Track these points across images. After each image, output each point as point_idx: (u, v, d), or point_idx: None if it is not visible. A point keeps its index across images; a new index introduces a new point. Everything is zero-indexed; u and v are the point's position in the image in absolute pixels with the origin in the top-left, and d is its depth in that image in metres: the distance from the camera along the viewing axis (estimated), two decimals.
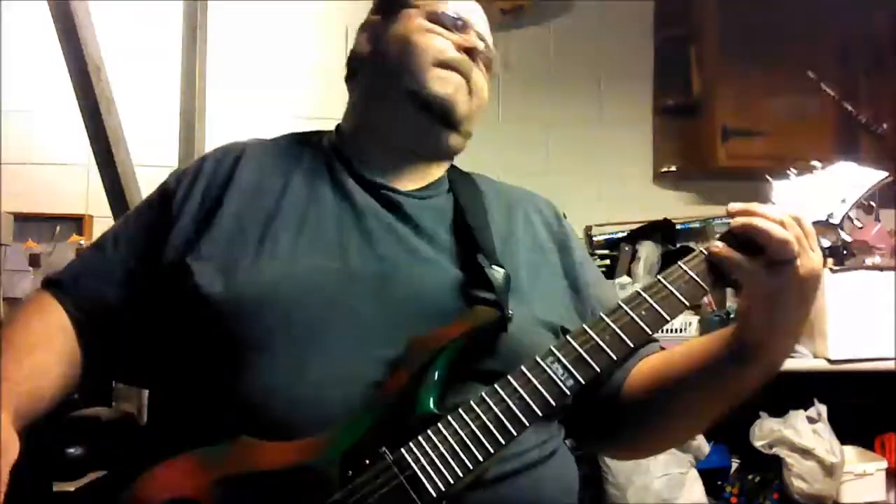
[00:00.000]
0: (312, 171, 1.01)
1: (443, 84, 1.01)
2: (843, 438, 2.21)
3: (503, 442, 0.76)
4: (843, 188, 0.93)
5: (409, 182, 1.03)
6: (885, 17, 2.64)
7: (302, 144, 1.07)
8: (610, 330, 0.81)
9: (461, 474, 0.75)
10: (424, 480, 0.74)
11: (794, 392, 2.27)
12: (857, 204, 0.93)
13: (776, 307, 0.83)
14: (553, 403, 0.78)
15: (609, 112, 2.89)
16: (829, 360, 2.16)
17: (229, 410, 0.81)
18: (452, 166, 1.11)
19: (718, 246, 0.83)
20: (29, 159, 2.74)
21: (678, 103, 2.84)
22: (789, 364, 2.21)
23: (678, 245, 2.44)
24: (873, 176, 0.94)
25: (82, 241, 2.53)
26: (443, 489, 0.74)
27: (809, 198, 0.92)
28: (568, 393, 0.78)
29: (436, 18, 1.04)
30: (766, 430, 2.23)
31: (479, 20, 1.09)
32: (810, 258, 0.82)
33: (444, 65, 1.02)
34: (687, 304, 0.83)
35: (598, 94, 2.89)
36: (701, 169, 2.79)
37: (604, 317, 0.82)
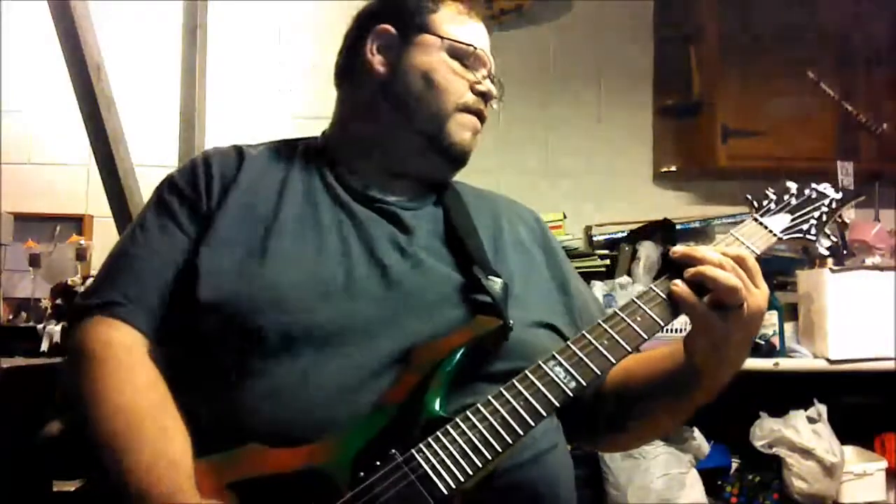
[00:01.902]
0: (306, 180, 1.01)
1: (462, 131, 1.03)
2: (843, 438, 2.20)
3: (510, 441, 0.78)
4: (819, 207, 1.01)
5: (400, 194, 1.04)
6: (885, 17, 2.64)
7: (293, 151, 1.07)
8: (608, 335, 0.84)
9: (471, 472, 0.77)
10: (435, 478, 0.76)
11: (794, 392, 2.27)
12: (830, 221, 1.01)
13: (720, 344, 0.87)
14: (556, 404, 0.81)
15: (609, 112, 2.89)
16: (829, 360, 2.16)
17: (236, 417, 0.82)
18: None
19: (679, 285, 0.86)
20: (29, 159, 2.74)
21: (678, 103, 2.84)
22: (789, 364, 2.24)
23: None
24: (848, 195, 1.04)
25: (82, 241, 2.53)
26: (453, 486, 0.76)
27: (789, 218, 0.99)
28: (570, 394, 0.81)
29: (457, 54, 1.03)
30: (766, 430, 2.23)
31: (487, 47, 1.08)
32: (755, 297, 0.86)
33: (465, 109, 1.02)
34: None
35: (598, 94, 2.89)
36: (701, 169, 2.79)
37: (601, 323, 0.85)
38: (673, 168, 2.85)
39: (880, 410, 2.30)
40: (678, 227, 2.60)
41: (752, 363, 2.17)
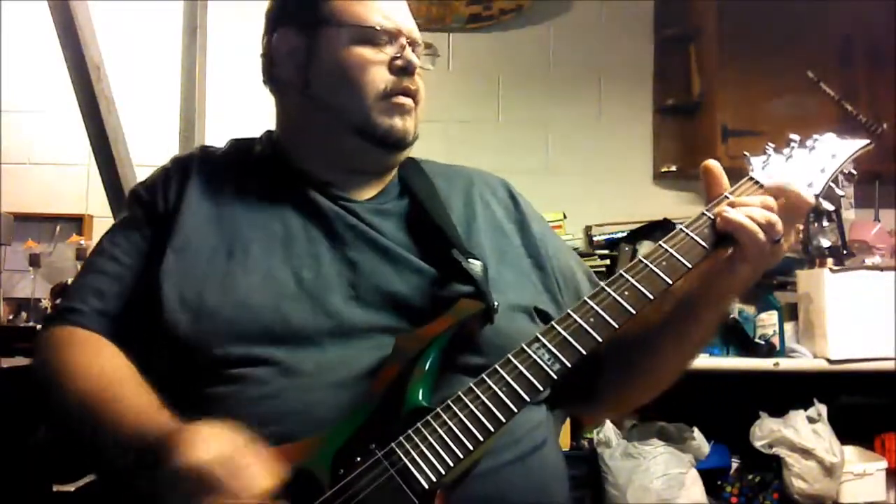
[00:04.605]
0: (266, 182, 1.00)
1: (389, 118, 0.97)
2: (843, 438, 2.21)
3: (492, 429, 0.76)
4: (822, 159, 0.93)
5: (364, 191, 1.01)
6: (885, 17, 2.64)
7: (249, 152, 1.05)
8: (593, 312, 0.81)
9: (451, 464, 0.75)
10: (415, 472, 0.74)
11: (794, 392, 2.28)
12: (837, 172, 0.93)
13: (727, 287, 0.87)
14: (540, 388, 0.78)
15: (609, 112, 2.89)
16: (829, 360, 2.16)
17: (217, 419, 0.80)
18: None
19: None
20: (29, 159, 2.75)
21: (678, 103, 2.84)
22: (789, 364, 2.23)
23: None
24: (852, 145, 0.95)
25: (82, 241, 2.53)
26: (434, 479, 0.74)
27: (789, 171, 0.92)
28: (555, 377, 0.79)
29: (363, 38, 0.96)
30: (766, 430, 2.23)
31: (404, 16, 1.01)
32: (783, 251, 0.85)
33: (387, 95, 0.97)
34: (669, 281, 0.83)
35: (598, 94, 2.89)
36: None
37: (587, 300, 0.82)
38: (673, 168, 2.85)
39: (880, 410, 2.30)
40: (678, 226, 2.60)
41: (752, 363, 2.17)
